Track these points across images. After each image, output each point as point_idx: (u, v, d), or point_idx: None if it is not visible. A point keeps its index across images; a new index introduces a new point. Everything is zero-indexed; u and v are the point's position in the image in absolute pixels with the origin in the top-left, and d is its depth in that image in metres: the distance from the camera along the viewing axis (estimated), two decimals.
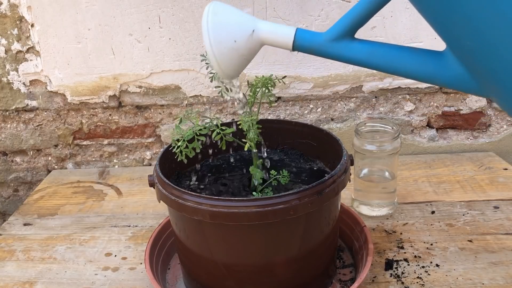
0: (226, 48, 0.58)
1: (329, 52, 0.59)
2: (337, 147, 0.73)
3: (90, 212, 0.99)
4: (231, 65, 0.60)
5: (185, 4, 1.04)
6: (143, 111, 1.16)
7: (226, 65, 0.59)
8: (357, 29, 0.57)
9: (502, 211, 0.89)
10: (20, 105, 1.16)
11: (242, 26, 0.59)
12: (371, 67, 0.59)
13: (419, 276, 0.75)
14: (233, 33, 0.58)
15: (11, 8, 1.07)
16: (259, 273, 0.66)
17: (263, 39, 0.60)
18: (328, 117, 1.14)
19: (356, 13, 0.57)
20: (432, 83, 0.59)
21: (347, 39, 0.58)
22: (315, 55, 0.60)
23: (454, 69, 0.55)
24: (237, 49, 0.59)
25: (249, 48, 0.60)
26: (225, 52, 0.58)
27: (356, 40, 0.58)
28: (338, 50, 0.58)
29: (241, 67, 0.61)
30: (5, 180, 1.25)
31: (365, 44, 0.58)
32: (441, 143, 1.15)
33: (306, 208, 0.62)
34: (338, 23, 0.58)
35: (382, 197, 0.90)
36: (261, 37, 0.60)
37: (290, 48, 0.60)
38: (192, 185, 0.75)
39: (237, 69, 0.61)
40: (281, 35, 0.59)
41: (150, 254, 0.76)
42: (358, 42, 0.58)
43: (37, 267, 0.83)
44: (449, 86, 0.57)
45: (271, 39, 0.60)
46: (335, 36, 0.58)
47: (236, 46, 0.58)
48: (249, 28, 0.59)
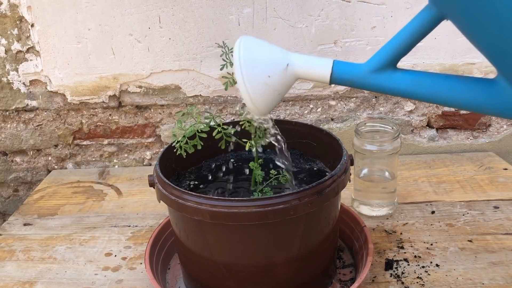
0: (260, 84, 0.56)
1: (371, 84, 0.56)
2: (337, 147, 0.73)
3: (90, 212, 0.99)
4: (265, 101, 0.57)
5: (185, 4, 1.04)
6: (143, 111, 1.16)
7: (260, 101, 0.57)
8: (399, 58, 0.55)
9: (502, 211, 0.89)
10: (20, 105, 1.16)
11: (276, 61, 0.57)
12: (417, 98, 0.56)
13: (419, 276, 0.75)
14: (266, 68, 0.56)
15: (11, 8, 1.07)
16: (259, 273, 0.66)
17: (298, 73, 0.57)
18: (328, 117, 1.14)
19: (397, 43, 0.55)
20: (485, 113, 0.55)
21: (390, 69, 0.55)
22: (355, 87, 0.58)
23: (508, 97, 0.52)
24: (272, 85, 0.57)
25: (283, 83, 0.57)
26: (259, 88, 0.56)
27: (399, 70, 0.56)
28: (381, 82, 0.56)
29: (275, 102, 0.59)
30: (5, 180, 1.25)
31: (409, 74, 0.55)
32: (441, 143, 1.15)
33: (306, 208, 0.62)
34: (379, 53, 0.55)
35: (382, 197, 0.90)
36: (296, 71, 0.57)
37: (328, 82, 0.57)
38: (192, 185, 0.75)
39: (270, 105, 0.59)
40: (317, 69, 0.57)
41: (150, 254, 0.76)
42: (402, 73, 0.55)
43: (37, 267, 0.83)
44: (504, 115, 0.54)
45: (306, 73, 0.57)
46: (376, 67, 0.55)
47: (270, 81, 0.56)
48: (283, 62, 0.57)
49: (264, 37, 1.06)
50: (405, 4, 1.02)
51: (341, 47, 1.07)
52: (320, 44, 1.06)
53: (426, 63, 1.07)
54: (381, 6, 1.03)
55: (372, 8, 1.03)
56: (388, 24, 1.04)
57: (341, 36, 1.06)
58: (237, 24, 1.05)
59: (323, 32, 1.05)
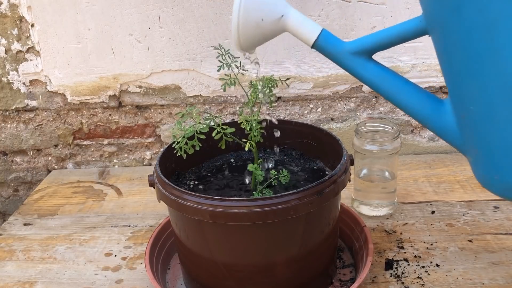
0: (252, 24, 0.60)
1: (344, 62, 0.61)
2: (337, 147, 0.73)
3: (90, 212, 0.99)
4: (250, 40, 0.62)
5: (185, 4, 1.04)
6: (143, 111, 1.16)
7: (245, 38, 0.61)
8: (376, 51, 0.60)
9: (502, 211, 0.89)
10: (20, 105, 1.16)
11: (273, 9, 0.61)
12: (377, 90, 0.61)
13: (419, 276, 0.75)
14: (263, 12, 0.60)
15: (11, 8, 1.07)
16: (259, 273, 0.66)
17: (289, 27, 0.61)
18: (328, 117, 1.14)
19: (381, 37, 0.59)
20: (424, 125, 0.61)
21: (365, 56, 0.60)
22: (330, 59, 0.62)
23: (447, 120, 0.58)
24: (261, 28, 0.61)
25: (272, 30, 0.62)
26: (249, 27, 0.60)
27: (372, 61, 0.60)
28: (353, 64, 0.61)
29: (257, 44, 0.63)
30: (5, 180, 1.25)
31: (378, 67, 0.60)
32: (441, 143, 1.15)
33: (306, 208, 0.62)
34: (362, 39, 0.60)
35: (382, 197, 0.90)
36: (287, 25, 0.61)
37: (310, 44, 0.61)
38: (192, 185, 0.75)
39: (253, 45, 0.63)
40: (306, 29, 0.61)
41: (150, 254, 0.76)
42: (374, 64, 0.60)
43: (37, 267, 0.83)
44: (438, 133, 0.60)
45: (295, 29, 0.61)
46: (354, 50, 0.60)
47: (261, 24, 0.60)
48: (280, 12, 0.60)
49: None
50: (405, 4, 1.02)
51: None
52: None
53: (426, 63, 1.07)
54: (381, 6, 1.03)
55: (372, 8, 1.03)
56: (388, 24, 1.04)
57: (341, 36, 1.05)
58: None
59: None
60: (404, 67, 1.07)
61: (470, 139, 0.57)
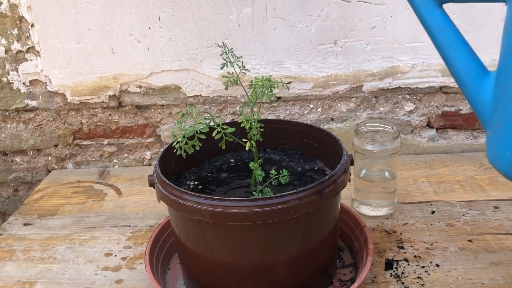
0: None
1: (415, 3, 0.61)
2: (337, 147, 0.73)
3: (90, 212, 0.99)
4: None
5: (185, 4, 1.04)
6: (143, 111, 1.16)
7: None
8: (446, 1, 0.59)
9: (502, 211, 0.89)
10: (20, 105, 1.16)
11: None
12: (434, 39, 0.61)
13: (419, 276, 0.75)
14: None
15: (11, 8, 1.07)
16: (259, 273, 0.66)
17: None
18: (328, 117, 1.14)
19: None
20: (462, 88, 0.61)
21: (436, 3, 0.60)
22: None
23: (486, 91, 0.58)
24: None
25: None
26: None
27: (441, 9, 0.60)
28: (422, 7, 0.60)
29: None
30: (5, 180, 1.25)
31: (444, 17, 0.60)
32: (441, 143, 1.15)
33: (306, 208, 0.62)
34: None
35: (382, 197, 0.90)
36: None
37: None
38: (192, 185, 0.75)
39: None
40: None
41: (150, 254, 0.76)
42: (441, 12, 0.60)
43: (37, 267, 0.83)
44: (472, 101, 0.60)
45: None
46: None
47: None
48: None
49: (264, 37, 1.06)
50: (405, 4, 1.02)
51: (341, 47, 1.07)
52: (320, 44, 1.06)
53: (426, 63, 1.07)
54: (381, 6, 1.03)
55: (372, 8, 1.03)
56: (388, 24, 1.04)
57: (341, 36, 1.06)
58: (237, 24, 1.05)
59: (323, 32, 1.05)
60: (404, 67, 1.07)
61: (499, 112, 0.57)
